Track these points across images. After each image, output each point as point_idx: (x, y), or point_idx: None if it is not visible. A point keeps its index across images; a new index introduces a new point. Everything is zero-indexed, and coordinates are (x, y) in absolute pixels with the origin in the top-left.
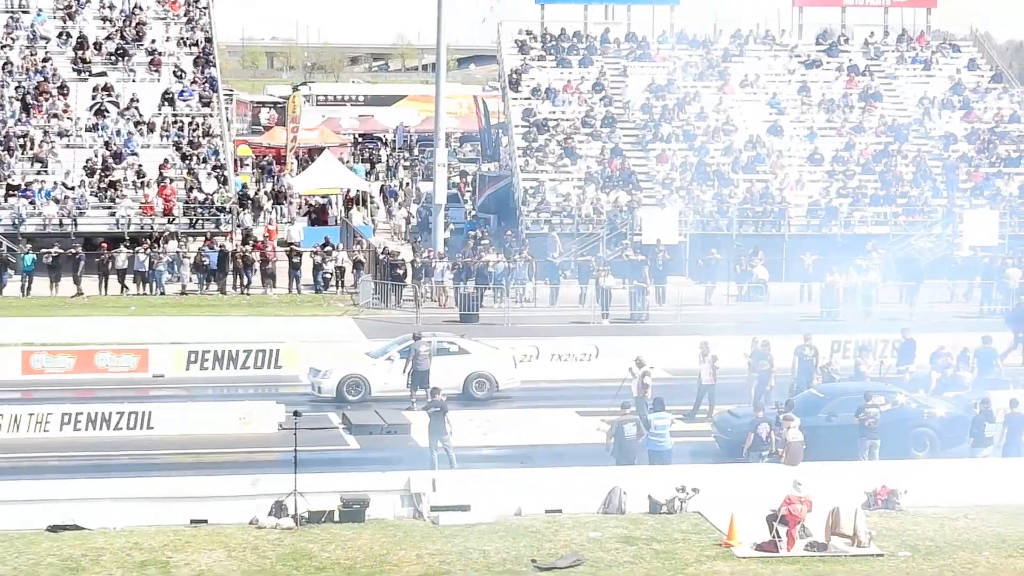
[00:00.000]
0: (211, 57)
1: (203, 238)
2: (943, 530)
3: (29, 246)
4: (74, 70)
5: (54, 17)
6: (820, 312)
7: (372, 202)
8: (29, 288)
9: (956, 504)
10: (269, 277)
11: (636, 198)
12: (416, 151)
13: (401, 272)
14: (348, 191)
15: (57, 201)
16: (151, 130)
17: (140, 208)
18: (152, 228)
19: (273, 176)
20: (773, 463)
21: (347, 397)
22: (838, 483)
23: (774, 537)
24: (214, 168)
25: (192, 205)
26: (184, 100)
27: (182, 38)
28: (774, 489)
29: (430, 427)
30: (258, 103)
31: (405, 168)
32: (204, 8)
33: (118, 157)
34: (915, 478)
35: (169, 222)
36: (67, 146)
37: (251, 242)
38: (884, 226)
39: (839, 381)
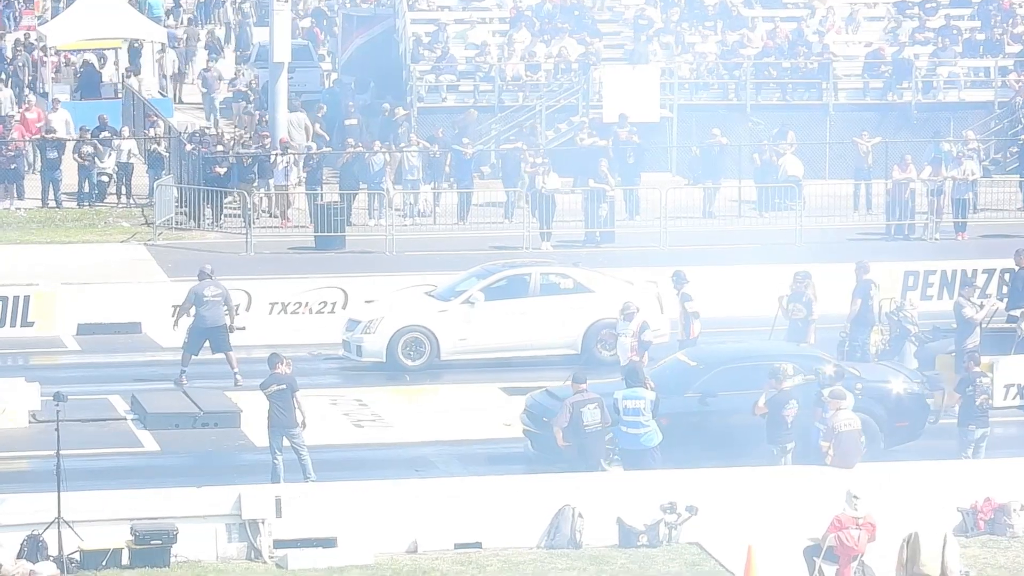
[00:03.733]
0: None
1: None
2: None
3: None
4: None
5: None
6: (886, 226)
7: (175, 60)
8: None
9: None
10: (10, 182)
11: (593, 49)
12: None
13: (222, 171)
14: (137, 43)
15: None
16: None
17: None
18: None
19: (16, 20)
20: (820, 464)
21: (403, 361)
22: (917, 496)
23: None
24: None
25: None
26: None
27: None
28: (815, 506)
29: (270, 416)
30: None
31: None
32: None
33: None
34: None
35: None
36: None
37: None
38: (986, 90)
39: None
